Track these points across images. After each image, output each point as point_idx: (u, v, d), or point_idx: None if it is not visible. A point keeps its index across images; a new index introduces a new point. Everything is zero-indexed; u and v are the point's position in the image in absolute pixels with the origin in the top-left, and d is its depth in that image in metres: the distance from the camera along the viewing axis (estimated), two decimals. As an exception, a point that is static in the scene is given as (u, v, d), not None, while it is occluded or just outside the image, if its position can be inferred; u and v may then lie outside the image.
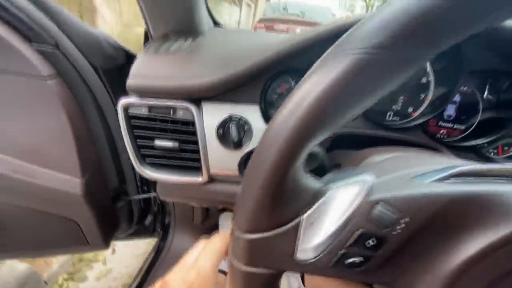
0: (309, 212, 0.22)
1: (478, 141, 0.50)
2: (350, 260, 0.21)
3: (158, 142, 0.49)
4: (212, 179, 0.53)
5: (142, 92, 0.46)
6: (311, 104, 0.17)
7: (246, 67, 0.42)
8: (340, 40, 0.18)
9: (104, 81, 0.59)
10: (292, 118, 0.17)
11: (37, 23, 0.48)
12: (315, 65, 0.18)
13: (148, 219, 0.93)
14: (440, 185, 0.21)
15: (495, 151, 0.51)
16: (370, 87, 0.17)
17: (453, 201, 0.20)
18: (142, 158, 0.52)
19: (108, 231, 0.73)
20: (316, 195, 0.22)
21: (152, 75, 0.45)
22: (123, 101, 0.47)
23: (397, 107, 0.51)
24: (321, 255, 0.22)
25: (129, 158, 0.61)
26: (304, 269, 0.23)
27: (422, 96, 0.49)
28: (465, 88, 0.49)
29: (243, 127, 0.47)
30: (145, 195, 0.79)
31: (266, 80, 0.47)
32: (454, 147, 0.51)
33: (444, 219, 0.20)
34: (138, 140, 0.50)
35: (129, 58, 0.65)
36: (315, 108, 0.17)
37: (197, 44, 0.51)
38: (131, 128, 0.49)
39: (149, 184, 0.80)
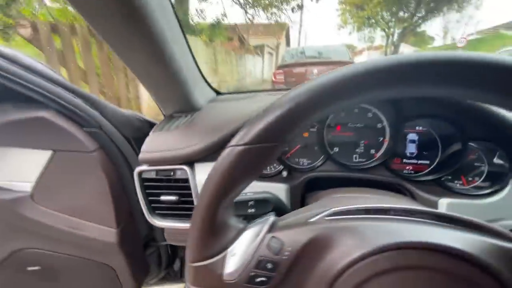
0: (232, 246, 0.31)
1: (438, 175, 0.54)
2: (258, 279, 0.29)
3: (163, 197, 0.61)
4: None
5: (151, 162, 0.61)
6: (215, 182, 0.28)
7: (221, 136, 0.55)
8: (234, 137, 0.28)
9: (134, 148, 0.74)
10: (212, 181, 0.28)
11: (86, 112, 0.63)
12: (224, 151, 0.28)
13: (177, 265, 0.99)
14: (318, 222, 0.30)
15: (460, 182, 0.54)
16: (249, 166, 0.27)
17: (322, 234, 0.28)
18: (153, 210, 0.65)
19: (140, 276, 0.82)
20: (239, 233, 0.31)
21: (156, 149, 0.60)
22: (137, 169, 0.61)
23: (360, 150, 0.58)
24: (239, 277, 0.30)
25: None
26: (230, 287, 0.31)
27: (381, 139, 0.56)
28: (421, 128, 0.54)
29: None
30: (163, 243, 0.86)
31: None
32: (418, 182, 0.55)
33: (315, 246, 0.28)
34: (149, 197, 0.63)
35: (151, 126, 0.80)
36: (217, 183, 0.28)
37: (192, 120, 0.64)
38: (144, 188, 0.63)
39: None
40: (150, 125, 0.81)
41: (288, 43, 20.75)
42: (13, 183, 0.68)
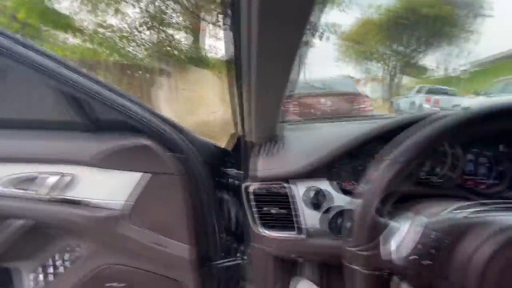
0: (396, 237, 0.40)
1: (496, 189, 0.63)
2: (424, 261, 0.37)
3: (267, 209, 0.71)
4: (304, 234, 0.69)
5: (257, 179, 0.71)
6: (382, 184, 0.41)
7: (318, 159, 0.67)
8: (393, 151, 0.42)
9: (211, 172, 0.81)
10: (375, 188, 0.42)
11: (174, 139, 0.70)
12: (382, 165, 0.42)
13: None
14: (466, 216, 0.38)
15: None
16: (404, 176, 0.41)
17: (472, 225, 0.36)
18: (257, 220, 0.72)
19: None
20: (396, 228, 0.41)
21: (260, 169, 0.71)
22: (245, 184, 0.72)
23: (427, 169, 0.66)
24: (408, 260, 0.38)
25: (214, 231, 0.83)
26: (399, 269, 0.40)
27: (444, 159, 0.64)
28: (477, 150, 0.65)
29: (321, 194, 0.67)
30: (226, 261, 0.90)
31: (332, 162, 0.69)
32: (481, 195, 0.63)
33: (468, 234, 0.36)
34: (253, 209, 0.71)
35: (221, 152, 0.91)
36: (384, 184, 0.40)
37: (282, 145, 0.77)
38: (248, 200, 0.72)
39: (229, 252, 0.93)
40: (223, 151, 0.92)
41: (291, 75, 20.26)
42: (110, 202, 0.73)
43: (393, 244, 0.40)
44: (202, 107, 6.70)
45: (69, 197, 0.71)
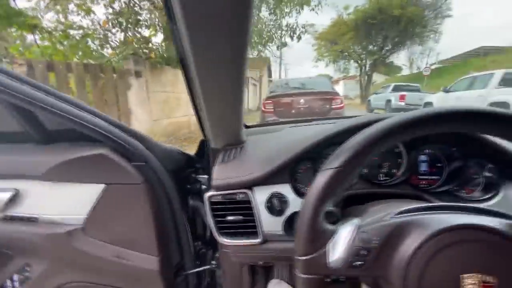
0: (331, 241, 0.42)
1: (447, 187, 0.66)
2: (357, 263, 0.40)
3: (229, 217, 0.68)
4: (266, 240, 0.70)
5: (220, 188, 0.68)
6: (318, 192, 0.40)
7: (278, 164, 0.65)
8: (327, 161, 0.41)
9: (174, 180, 0.78)
10: (312, 197, 0.41)
11: (134, 148, 0.66)
12: (318, 174, 0.40)
13: None
14: (392, 219, 0.41)
15: (465, 191, 0.66)
16: (341, 183, 0.40)
17: (397, 226, 0.40)
18: (220, 229, 0.70)
19: None
20: (333, 232, 0.43)
21: (223, 177, 0.68)
22: (207, 194, 0.68)
23: (384, 170, 0.69)
24: (342, 263, 0.40)
25: (186, 239, 0.81)
26: (334, 272, 0.41)
27: (399, 160, 0.69)
28: (429, 151, 0.68)
29: (281, 199, 0.66)
30: (200, 268, 0.90)
31: (292, 167, 0.68)
32: (434, 193, 0.67)
33: (394, 235, 0.39)
34: (216, 218, 0.69)
35: (188, 158, 0.90)
36: (320, 193, 0.40)
37: (244, 151, 0.75)
38: (212, 210, 0.69)
39: (203, 259, 0.92)
40: (189, 158, 0.90)
41: (269, 75, 21.60)
42: (67, 217, 0.69)
43: (329, 248, 0.42)
44: (180, 109, 6.48)
45: (23, 215, 0.69)
